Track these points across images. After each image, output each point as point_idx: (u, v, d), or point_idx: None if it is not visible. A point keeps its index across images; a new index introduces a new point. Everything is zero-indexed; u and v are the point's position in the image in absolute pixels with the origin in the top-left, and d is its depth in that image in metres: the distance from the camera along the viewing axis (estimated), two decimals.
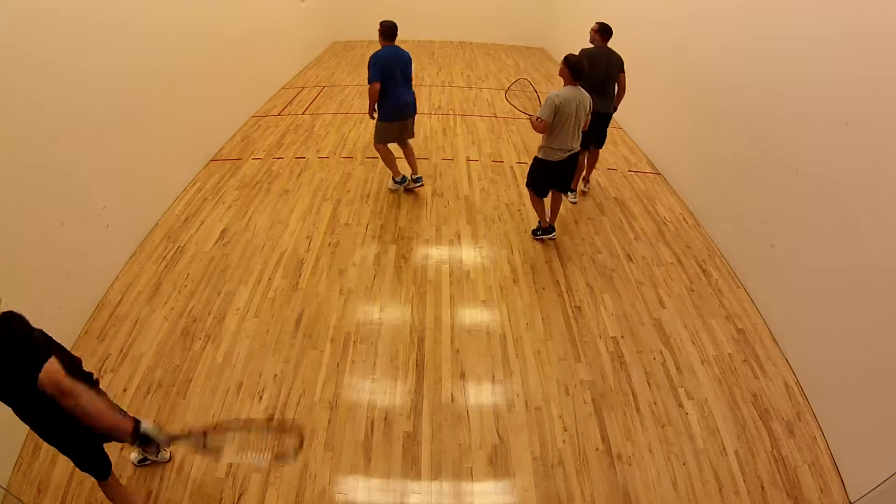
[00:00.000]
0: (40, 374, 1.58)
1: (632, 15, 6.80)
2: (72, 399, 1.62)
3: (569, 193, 4.97)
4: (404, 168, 5.00)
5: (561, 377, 3.10)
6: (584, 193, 5.06)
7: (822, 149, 3.14)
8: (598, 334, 3.42)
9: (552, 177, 4.03)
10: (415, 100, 4.62)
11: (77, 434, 1.85)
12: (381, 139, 4.65)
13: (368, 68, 4.22)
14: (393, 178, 4.95)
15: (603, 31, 4.48)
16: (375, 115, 4.52)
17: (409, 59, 4.45)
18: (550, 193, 4.23)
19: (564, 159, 3.90)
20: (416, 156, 5.75)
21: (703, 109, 4.80)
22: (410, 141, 4.85)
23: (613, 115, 4.77)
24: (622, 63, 4.49)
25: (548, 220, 4.30)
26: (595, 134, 4.71)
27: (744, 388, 3.10)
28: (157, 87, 4.24)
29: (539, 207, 4.26)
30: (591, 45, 4.51)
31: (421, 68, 9.59)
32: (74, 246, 3.16)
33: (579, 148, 3.97)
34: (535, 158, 4.04)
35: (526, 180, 4.23)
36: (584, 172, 5.01)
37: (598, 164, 5.85)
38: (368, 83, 4.26)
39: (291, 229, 4.33)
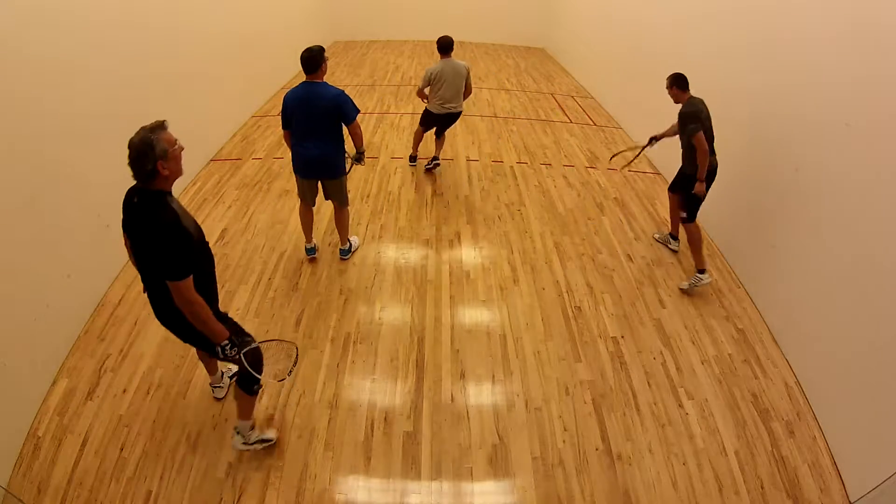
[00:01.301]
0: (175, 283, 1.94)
1: (631, 15, 6.81)
2: (191, 306, 1.99)
3: (671, 241, 4.35)
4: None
5: (561, 377, 3.10)
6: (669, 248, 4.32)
7: (822, 149, 3.14)
8: (598, 334, 3.42)
9: (434, 122, 5.11)
10: (324, 159, 3.47)
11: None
12: (298, 191, 3.78)
13: None
14: (305, 245, 3.95)
15: (676, 84, 3.69)
16: None
17: (329, 103, 3.26)
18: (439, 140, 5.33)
19: (444, 114, 4.93)
20: (418, 156, 5.76)
21: None
22: (343, 212, 3.82)
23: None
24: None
25: (436, 154, 5.41)
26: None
27: (744, 388, 3.09)
28: (158, 87, 4.23)
29: (417, 140, 5.38)
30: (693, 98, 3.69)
31: (421, 68, 9.59)
32: (74, 246, 3.16)
33: (460, 110, 4.95)
34: (425, 109, 5.05)
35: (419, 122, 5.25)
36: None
37: (597, 164, 5.86)
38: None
39: (291, 229, 4.33)
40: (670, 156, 5.53)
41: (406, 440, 2.69)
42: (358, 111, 3.39)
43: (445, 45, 4.70)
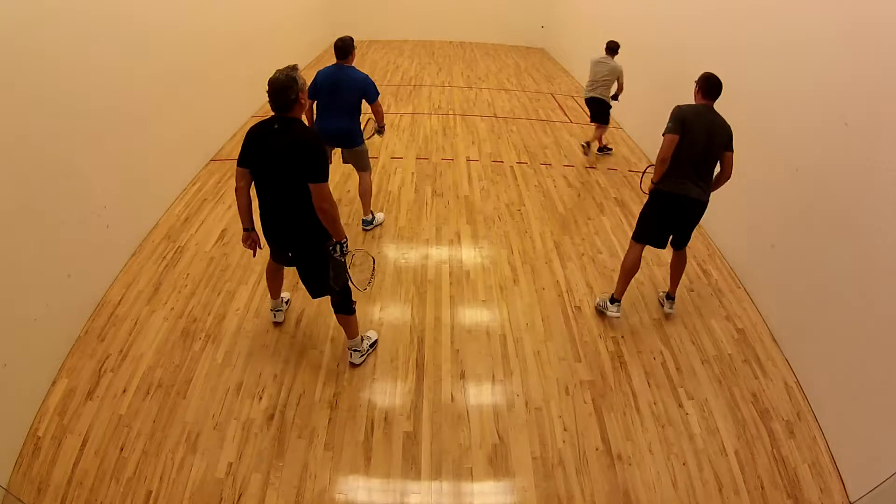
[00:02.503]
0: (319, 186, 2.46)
1: (631, 14, 6.81)
2: (328, 205, 2.50)
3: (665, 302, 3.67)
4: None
5: (561, 377, 3.10)
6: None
7: (822, 149, 3.14)
8: (598, 334, 3.42)
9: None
10: (344, 131, 3.94)
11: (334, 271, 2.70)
12: None
13: None
14: None
15: (700, 84, 3.22)
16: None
17: (356, 84, 3.81)
18: None
19: (586, 98, 5.78)
20: (418, 156, 5.78)
21: None
22: (364, 177, 4.21)
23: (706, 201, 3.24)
24: (730, 137, 3.16)
25: None
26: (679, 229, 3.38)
27: (744, 388, 3.09)
28: (158, 87, 4.23)
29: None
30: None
31: (421, 68, 9.60)
32: (74, 246, 3.16)
33: (592, 96, 5.73)
34: None
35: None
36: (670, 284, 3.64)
37: (598, 165, 5.86)
38: None
39: None
40: None
41: (406, 440, 2.69)
42: (378, 93, 3.94)
43: (607, 46, 5.56)
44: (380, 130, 4.14)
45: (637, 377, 3.12)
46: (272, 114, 2.53)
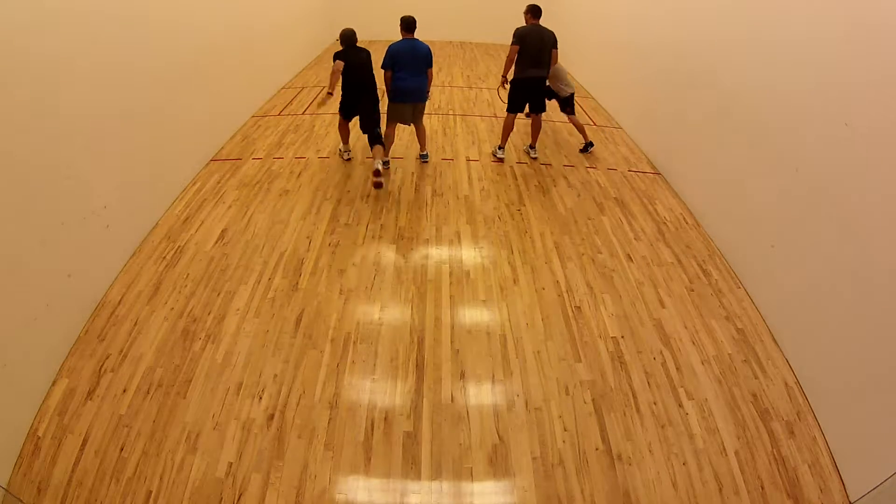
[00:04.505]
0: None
1: (631, 14, 6.81)
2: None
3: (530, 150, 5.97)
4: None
5: (561, 377, 3.10)
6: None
7: (822, 149, 3.14)
8: (598, 334, 3.42)
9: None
10: (423, 87, 5.12)
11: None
12: (396, 117, 5.36)
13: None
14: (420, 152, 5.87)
15: (527, 9, 5.25)
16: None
17: (424, 52, 5.05)
18: None
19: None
20: (418, 155, 5.79)
21: (703, 109, 4.80)
22: (422, 126, 5.55)
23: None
24: (554, 40, 5.22)
25: None
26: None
27: (744, 388, 3.10)
28: (158, 87, 4.23)
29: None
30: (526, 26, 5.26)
31: None
32: (74, 246, 3.16)
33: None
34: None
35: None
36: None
37: (598, 164, 5.87)
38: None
39: (291, 229, 4.33)
40: (671, 155, 5.53)
41: (406, 440, 2.69)
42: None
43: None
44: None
45: (637, 377, 3.12)
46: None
